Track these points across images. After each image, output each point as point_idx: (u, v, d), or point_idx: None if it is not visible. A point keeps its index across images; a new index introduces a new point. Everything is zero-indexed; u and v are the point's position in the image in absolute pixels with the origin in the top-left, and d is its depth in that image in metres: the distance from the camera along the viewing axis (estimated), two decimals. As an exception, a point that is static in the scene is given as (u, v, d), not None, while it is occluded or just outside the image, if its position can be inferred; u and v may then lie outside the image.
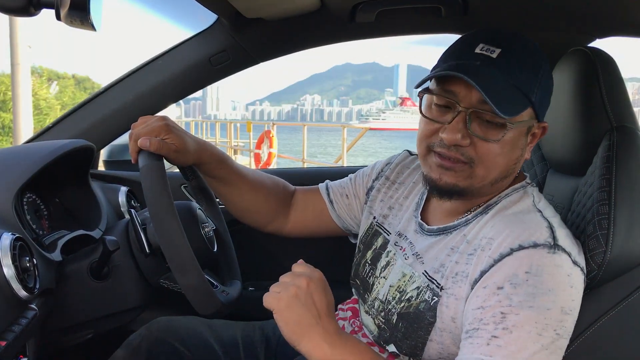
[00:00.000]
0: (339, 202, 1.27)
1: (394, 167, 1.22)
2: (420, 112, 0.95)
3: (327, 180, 1.33)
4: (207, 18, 1.57)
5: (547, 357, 0.80)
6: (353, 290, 1.20)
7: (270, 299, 0.86)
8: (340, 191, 1.28)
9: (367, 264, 1.15)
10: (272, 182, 1.29)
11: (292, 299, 0.84)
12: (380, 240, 1.15)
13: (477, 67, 0.87)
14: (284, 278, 0.89)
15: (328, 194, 1.29)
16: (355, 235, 1.28)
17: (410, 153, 1.24)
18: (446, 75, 0.87)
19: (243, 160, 14.00)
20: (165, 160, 1.03)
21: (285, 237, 1.34)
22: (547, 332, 0.80)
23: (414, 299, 0.97)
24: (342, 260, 1.44)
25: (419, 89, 0.94)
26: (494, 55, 0.87)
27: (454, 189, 0.93)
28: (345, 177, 1.31)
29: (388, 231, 1.14)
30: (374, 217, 1.20)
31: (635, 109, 1.12)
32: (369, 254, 1.15)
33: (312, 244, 1.49)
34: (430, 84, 0.95)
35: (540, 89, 0.90)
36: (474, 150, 0.90)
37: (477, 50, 0.89)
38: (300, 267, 0.91)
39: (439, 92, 0.91)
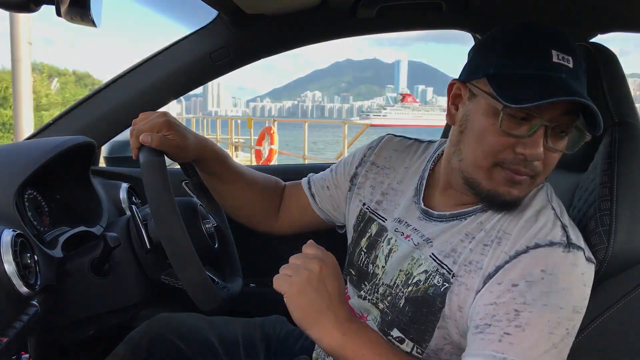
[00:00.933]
0: (321, 195, 1.26)
1: (379, 152, 1.19)
2: (501, 127, 0.85)
3: (311, 174, 1.32)
4: (207, 14, 1.56)
5: (556, 355, 0.80)
6: (347, 279, 1.17)
7: (282, 282, 0.84)
8: (321, 183, 1.27)
9: (362, 252, 1.13)
10: (264, 180, 1.29)
11: (304, 283, 0.83)
12: (374, 227, 1.12)
13: (564, 80, 0.82)
14: (294, 260, 0.87)
15: (309, 187, 1.28)
16: (341, 227, 1.27)
17: (395, 135, 1.22)
18: (566, 100, 0.80)
19: (244, 157, 14.00)
20: (166, 157, 1.03)
21: (279, 235, 1.33)
22: (559, 330, 0.80)
23: (422, 283, 0.95)
24: (342, 253, 1.44)
25: (506, 105, 0.82)
26: (571, 65, 0.83)
27: (517, 201, 0.91)
28: (327, 169, 1.30)
29: (383, 217, 1.12)
30: (364, 204, 1.17)
31: (637, 105, 1.11)
32: (364, 242, 1.13)
33: (312, 239, 1.49)
34: (491, 91, 0.85)
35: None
36: (543, 164, 0.87)
37: (555, 60, 0.83)
38: (311, 248, 0.89)
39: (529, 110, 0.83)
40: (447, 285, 0.91)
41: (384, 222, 1.11)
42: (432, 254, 0.96)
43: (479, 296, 0.87)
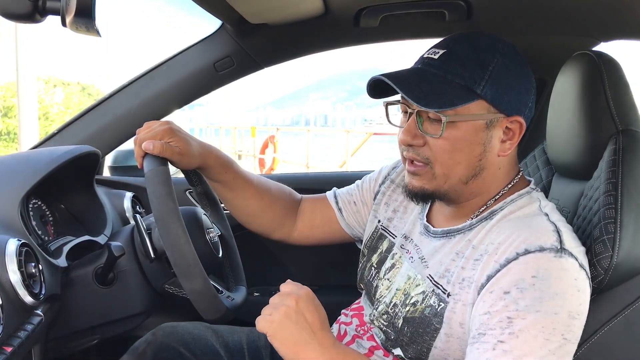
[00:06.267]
0: (348, 210, 1.27)
1: (400, 171, 1.21)
2: (388, 121, 1.01)
3: (335, 188, 1.32)
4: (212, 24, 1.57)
5: None
6: (363, 294, 1.19)
7: (262, 323, 0.86)
8: (348, 198, 1.27)
9: (372, 268, 1.14)
10: (277, 189, 1.29)
11: (283, 319, 0.85)
12: (385, 244, 1.14)
13: (416, 70, 0.93)
14: (273, 299, 0.89)
15: (337, 202, 1.28)
16: (362, 242, 1.27)
17: None
18: (373, 80, 0.94)
19: (247, 166, 14.01)
20: (170, 165, 1.03)
21: (296, 245, 1.33)
22: (555, 336, 0.79)
23: (419, 303, 0.96)
24: (347, 265, 1.44)
25: (383, 100, 1.00)
26: (436, 57, 0.92)
27: (424, 192, 0.96)
28: (352, 184, 1.31)
29: (393, 234, 1.13)
30: (379, 221, 1.19)
31: (641, 113, 1.11)
32: (375, 258, 1.15)
33: (317, 249, 1.49)
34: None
35: (490, 83, 0.89)
36: (429, 150, 0.92)
37: (425, 55, 0.94)
38: (287, 286, 0.91)
39: (401, 101, 0.96)
40: (443, 304, 0.92)
41: (393, 238, 1.13)
42: (429, 275, 0.97)
43: (474, 307, 0.87)
